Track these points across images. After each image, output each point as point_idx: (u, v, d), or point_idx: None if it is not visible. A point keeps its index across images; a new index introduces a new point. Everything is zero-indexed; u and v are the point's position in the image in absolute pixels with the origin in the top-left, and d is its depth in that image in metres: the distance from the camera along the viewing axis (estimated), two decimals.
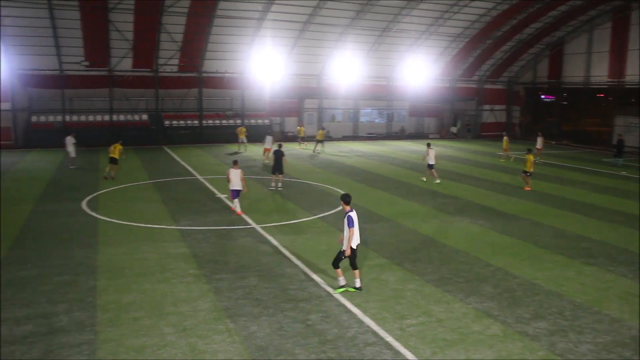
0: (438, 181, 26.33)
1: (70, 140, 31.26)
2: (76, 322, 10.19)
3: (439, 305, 11.15)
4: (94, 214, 19.12)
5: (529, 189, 24.76)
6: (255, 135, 43.91)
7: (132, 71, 44.38)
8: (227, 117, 48.31)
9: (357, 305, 11.00)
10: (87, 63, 42.34)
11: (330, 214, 19.23)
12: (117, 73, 43.94)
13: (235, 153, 37.30)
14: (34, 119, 43.04)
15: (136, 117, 45.66)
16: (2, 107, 41.46)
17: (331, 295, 11.52)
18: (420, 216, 19.26)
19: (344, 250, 11.64)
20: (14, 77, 41.45)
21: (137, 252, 14.54)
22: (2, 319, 10.29)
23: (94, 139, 42.19)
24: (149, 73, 44.87)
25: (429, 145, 27.68)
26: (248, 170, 29.88)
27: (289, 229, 17.15)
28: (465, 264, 13.88)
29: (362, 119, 55.53)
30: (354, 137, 52.90)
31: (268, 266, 13.44)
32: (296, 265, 13.50)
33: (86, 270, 13.12)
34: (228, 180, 19.47)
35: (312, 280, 12.47)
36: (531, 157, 25.00)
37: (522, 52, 54.82)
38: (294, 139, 46.19)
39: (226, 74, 46.92)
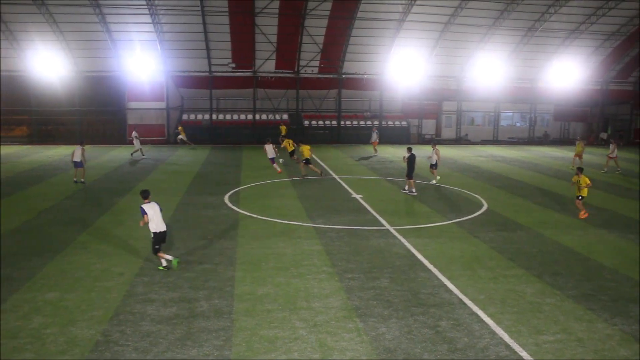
0: (435, 181, 26.49)
1: (135, 135, 36.16)
2: (215, 309, 10.78)
3: (579, 323, 10.42)
4: (235, 207, 20.15)
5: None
6: (393, 137, 43.92)
7: (274, 72, 46.20)
8: (366, 118, 48.72)
9: (490, 316, 10.60)
10: (233, 65, 44.72)
11: (466, 220, 18.70)
12: (261, 74, 45.94)
13: (368, 157, 37.29)
14: (184, 117, 46.30)
15: (277, 117, 47.45)
16: (158, 106, 45.09)
17: (463, 303, 11.20)
18: (563, 227, 18.12)
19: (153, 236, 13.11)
20: (169, 78, 44.86)
21: (274, 247, 15.10)
22: (152, 299, 11.18)
23: (237, 137, 44.56)
24: (290, 74, 46.45)
25: (434, 144, 27.66)
26: (382, 172, 29.93)
27: (423, 233, 16.92)
28: (612, 281, 12.83)
29: (503, 122, 53.46)
30: (494, 142, 51.09)
31: (400, 269, 13.35)
32: (429, 270, 13.28)
33: (226, 260, 13.85)
34: (265, 152, 28.36)
35: (444, 285, 12.21)
36: None
37: None
38: (430, 141, 45.51)
39: (365, 76, 47.34)
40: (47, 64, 42.88)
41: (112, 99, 45.22)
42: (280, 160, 30.57)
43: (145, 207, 13.10)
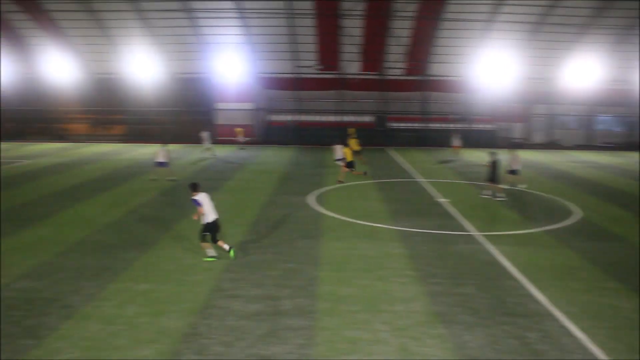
0: (519, 186, 25.49)
1: (206, 135, 36.85)
2: (298, 308, 10.91)
3: None
4: (319, 208, 20.33)
5: None
6: (480, 141, 42.88)
7: (360, 74, 46.21)
8: (451, 121, 47.87)
9: (583, 330, 10.10)
10: (319, 67, 45.09)
11: (557, 228, 17.93)
12: (346, 76, 46.09)
13: (449, 161, 36.50)
14: (271, 117, 47.28)
15: (362, 119, 47.46)
16: (245, 107, 46.28)
17: (553, 315, 10.74)
18: None
19: (204, 224, 13.70)
20: (256, 79, 45.93)
21: (357, 248, 15.11)
22: (238, 295, 11.46)
23: (322, 138, 44.92)
24: (375, 76, 46.31)
25: (513, 149, 26.31)
26: (468, 176, 29.24)
27: (511, 240, 16.37)
28: None
29: (598, 126, 50.89)
30: (589, 147, 48.73)
31: (486, 276, 12.99)
32: (516, 279, 12.83)
33: (310, 260, 14.00)
34: (334, 151, 28.06)
35: (532, 295, 11.76)
36: None
37: None
38: (520, 145, 43.99)
39: (451, 77, 46.47)
40: (142, 66, 45.03)
41: (201, 100, 46.89)
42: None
43: (198, 198, 13.64)
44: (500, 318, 10.57)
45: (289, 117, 47.50)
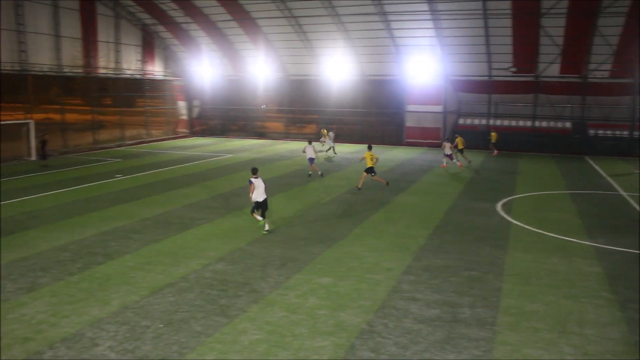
0: None
1: (331, 135, 39.22)
2: (477, 318, 10.56)
3: None
4: (507, 216, 19.47)
5: None
6: None
7: (559, 77, 43.31)
8: None
9: None
10: (514, 69, 43.09)
11: None
12: (543, 79, 43.51)
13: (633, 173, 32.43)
14: (461, 121, 46.24)
15: (558, 125, 44.47)
16: (435, 110, 45.90)
17: None
18: None
19: (254, 202, 16.45)
20: (447, 82, 45.26)
21: (546, 262, 14.20)
22: (417, 298, 11.41)
23: (515, 143, 43.07)
24: (576, 79, 43.06)
25: None
26: None
27: None
28: None
29: None
30: None
31: None
32: None
33: (494, 270, 13.47)
34: (443, 148, 32.01)
35: None
36: None
37: None
38: None
39: None
40: (337, 69, 46.79)
41: (391, 102, 47.42)
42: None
43: (253, 180, 16.15)
44: None
45: (479, 121, 46.10)
